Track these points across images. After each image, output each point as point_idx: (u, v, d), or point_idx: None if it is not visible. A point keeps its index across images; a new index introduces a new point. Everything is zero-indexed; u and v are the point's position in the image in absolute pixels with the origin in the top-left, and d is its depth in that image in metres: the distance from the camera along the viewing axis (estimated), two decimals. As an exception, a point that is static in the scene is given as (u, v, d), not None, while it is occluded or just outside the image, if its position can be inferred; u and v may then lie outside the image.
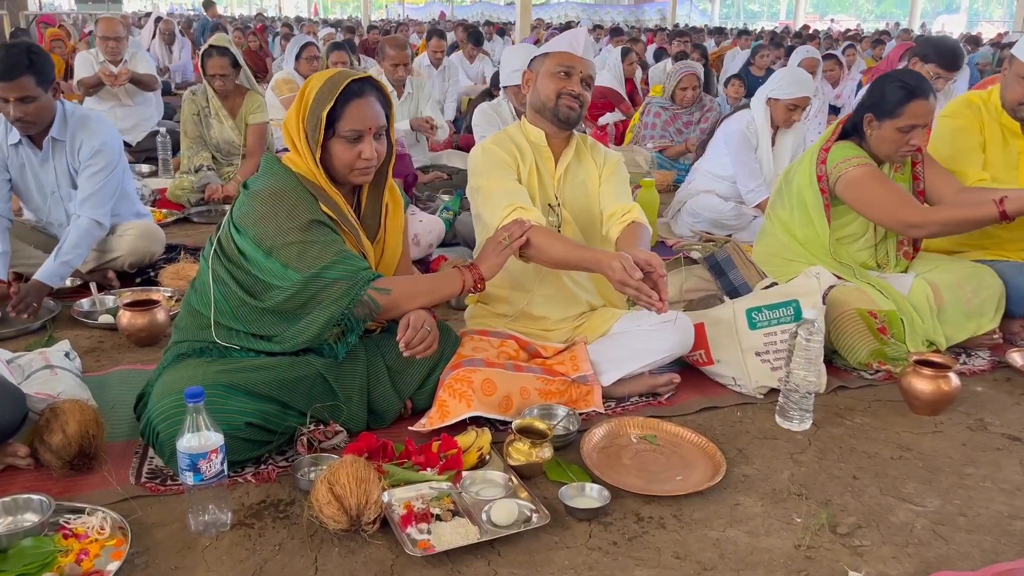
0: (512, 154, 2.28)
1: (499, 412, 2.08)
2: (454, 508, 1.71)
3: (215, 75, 4.45)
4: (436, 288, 2.05)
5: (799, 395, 2.15)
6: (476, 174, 2.27)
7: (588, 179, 2.37)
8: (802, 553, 1.64)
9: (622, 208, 2.31)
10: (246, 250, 1.93)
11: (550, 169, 2.33)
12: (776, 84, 3.83)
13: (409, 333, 1.94)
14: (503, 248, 2.09)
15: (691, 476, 1.91)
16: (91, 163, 2.95)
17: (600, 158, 2.40)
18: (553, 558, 1.61)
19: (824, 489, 1.89)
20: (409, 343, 1.95)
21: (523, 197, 2.21)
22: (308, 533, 1.65)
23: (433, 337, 1.98)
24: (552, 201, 2.32)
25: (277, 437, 1.91)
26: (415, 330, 1.95)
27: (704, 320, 2.43)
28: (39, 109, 2.83)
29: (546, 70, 2.27)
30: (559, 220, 2.33)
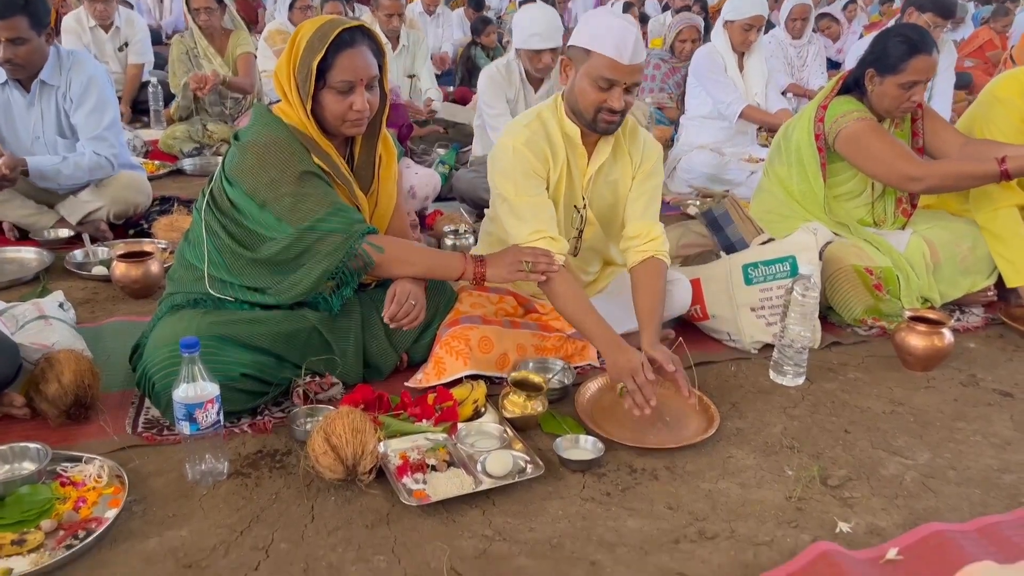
0: (544, 156, 2.07)
1: (496, 369, 2.09)
2: (449, 459, 1.72)
3: (199, 8, 4.36)
4: (433, 265, 2.02)
5: (793, 350, 2.16)
6: (503, 179, 2.07)
7: (620, 179, 2.18)
8: (793, 504, 1.66)
9: (646, 232, 2.13)
10: (239, 202, 1.91)
11: (582, 167, 2.13)
12: (730, 7, 3.97)
13: (393, 308, 1.94)
14: (519, 270, 1.99)
15: (684, 429, 1.92)
16: (84, 99, 2.92)
17: (638, 155, 2.17)
18: (547, 508, 1.62)
19: (816, 442, 1.90)
20: (393, 317, 1.95)
21: (551, 220, 2.06)
22: (304, 483, 1.66)
23: (419, 310, 1.97)
24: (579, 203, 2.18)
25: (273, 388, 1.91)
26: (399, 305, 1.94)
27: (700, 276, 2.43)
28: (29, 52, 2.78)
29: (586, 72, 1.97)
30: (583, 222, 2.20)
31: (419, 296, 1.98)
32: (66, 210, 3.09)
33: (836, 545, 1.49)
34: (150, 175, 3.83)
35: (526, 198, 2.05)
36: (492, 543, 1.51)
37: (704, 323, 2.43)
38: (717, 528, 1.58)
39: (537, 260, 1.98)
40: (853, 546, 1.53)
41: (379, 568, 1.43)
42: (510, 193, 2.06)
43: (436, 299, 2.18)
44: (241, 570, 1.42)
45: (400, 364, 2.15)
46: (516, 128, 2.09)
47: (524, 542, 1.51)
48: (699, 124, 4.15)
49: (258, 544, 1.48)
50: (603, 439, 1.82)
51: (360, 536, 1.51)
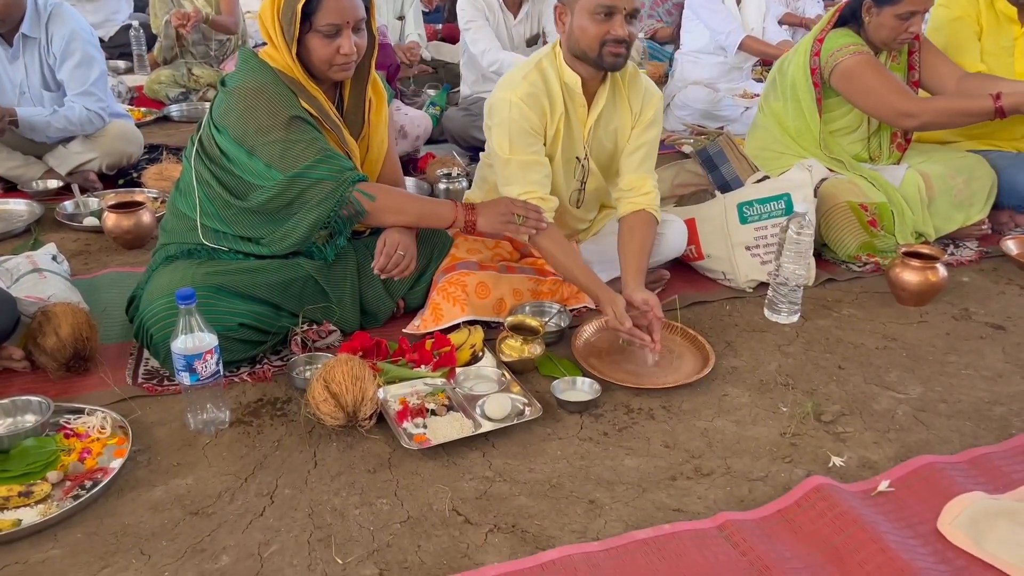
0: (542, 111, 2.03)
1: (492, 314, 2.09)
2: (448, 403, 1.74)
3: None
4: (424, 213, 2.00)
5: (788, 288, 2.16)
6: (500, 135, 2.03)
7: (620, 128, 2.15)
8: (787, 440, 1.69)
9: (639, 184, 2.13)
10: (228, 150, 1.88)
11: (581, 117, 2.09)
12: None
13: (382, 260, 1.93)
14: (509, 222, 1.98)
15: (680, 369, 1.94)
16: (68, 54, 2.87)
17: (638, 102, 2.12)
18: (545, 449, 1.65)
19: (810, 379, 1.93)
20: (383, 269, 1.94)
21: (543, 180, 2.05)
22: (306, 429, 1.68)
23: (409, 260, 1.96)
24: (580, 153, 2.14)
25: (271, 337, 1.92)
26: (388, 256, 1.93)
27: (695, 215, 2.42)
28: (7, 6, 2.72)
29: (583, 7, 1.92)
30: (585, 174, 2.17)
31: (409, 246, 1.97)
32: (55, 161, 3.05)
33: (829, 479, 1.52)
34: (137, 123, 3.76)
35: (520, 156, 2.03)
36: (492, 484, 1.54)
37: (699, 263, 2.43)
38: (713, 465, 1.61)
39: (528, 214, 1.98)
40: (846, 480, 1.56)
41: (382, 511, 1.46)
42: (504, 150, 2.03)
43: (431, 245, 2.17)
44: (247, 516, 1.44)
45: (397, 311, 2.15)
46: (514, 80, 2.04)
47: (524, 482, 1.54)
48: (694, 60, 4.07)
49: (263, 490, 1.51)
50: (600, 380, 1.84)
51: (363, 480, 1.54)
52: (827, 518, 1.42)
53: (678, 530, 1.41)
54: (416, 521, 1.44)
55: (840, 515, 1.42)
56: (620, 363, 1.97)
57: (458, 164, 3.32)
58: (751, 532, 1.40)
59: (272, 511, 1.46)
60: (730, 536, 1.39)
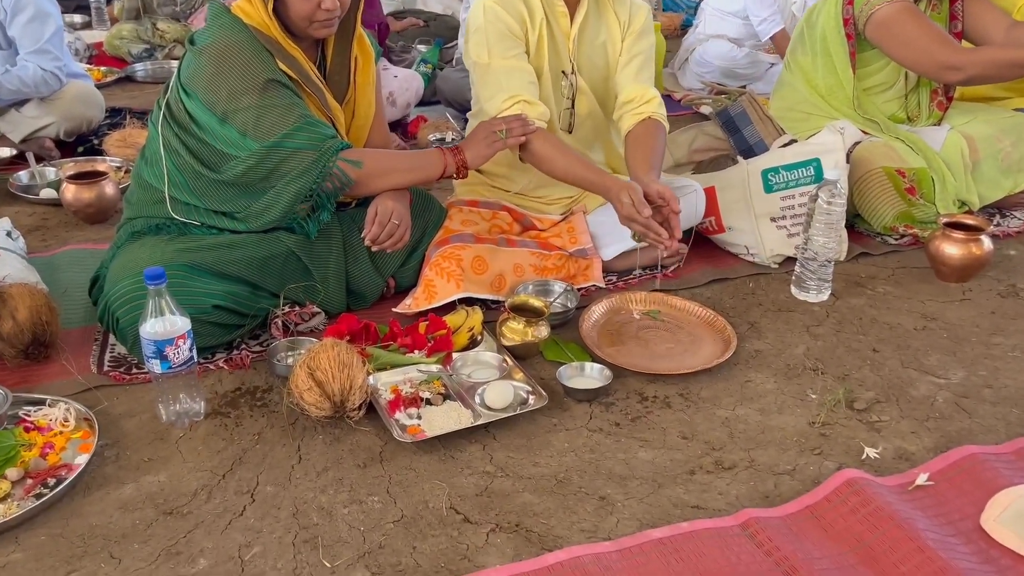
0: (519, 16, 2.11)
1: (491, 291, 2.10)
2: (445, 392, 1.75)
3: None
4: (412, 167, 2.01)
5: (817, 264, 2.16)
6: (477, 43, 2.11)
7: (609, 41, 2.23)
8: (816, 430, 1.70)
9: (640, 94, 2.20)
10: (198, 116, 1.87)
11: (564, 28, 2.17)
12: None
13: (375, 229, 1.93)
14: (496, 141, 2.02)
15: (699, 353, 1.95)
16: (19, 8, 2.86)
17: (624, 13, 2.23)
18: (551, 441, 1.66)
19: (841, 363, 1.93)
20: (375, 239, 1.94)
21: (528, 85, 2.10)
22: (289, 421, 1.69)
23: (404, 229, 1.96)
24: (566, 67, 2.20)
25: (249, 320, 1.92)
26: (381, 226, 1.93)
27: (715, 184, 2.41)
28: None
29: None
30: (573, 89, 2.21)
31: (403, 214, 1.97)
32: (8, 126, 3.04)
33: (862, 472, 1.53)
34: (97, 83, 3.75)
35: (501, 61, 2.08)
36: (494, 480, 1.54)
37: (719, 236, 2.43)
38: (735, 458, 1.61)
39: (511, 128, 2.03)
40: (881, 473, 1.57)
41: (373, 509, 1.47)
42: (483, 57, 2.10)
43: (423, 217, 2.17)
44: (226, 516, 1.45)
45: (386, 290, 2.15)
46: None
47: (528, 478, 1.55)
48: (720, 18, 4.02)
49: (243, 488, 1.52)
50: (610, 366, 1.84)
51: (352, 476, 1.55)
52: (860, 515, 1.43)
53: (697, 528, 1.41)
54: (411, 520, 1.45)
55: (874, 511, 1.42)
56: (633, 347, 1.97)
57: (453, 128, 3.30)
58: (777, 530, 1.41)
59: (253, 510, 1.47)
60: (754, 535, 1.40)
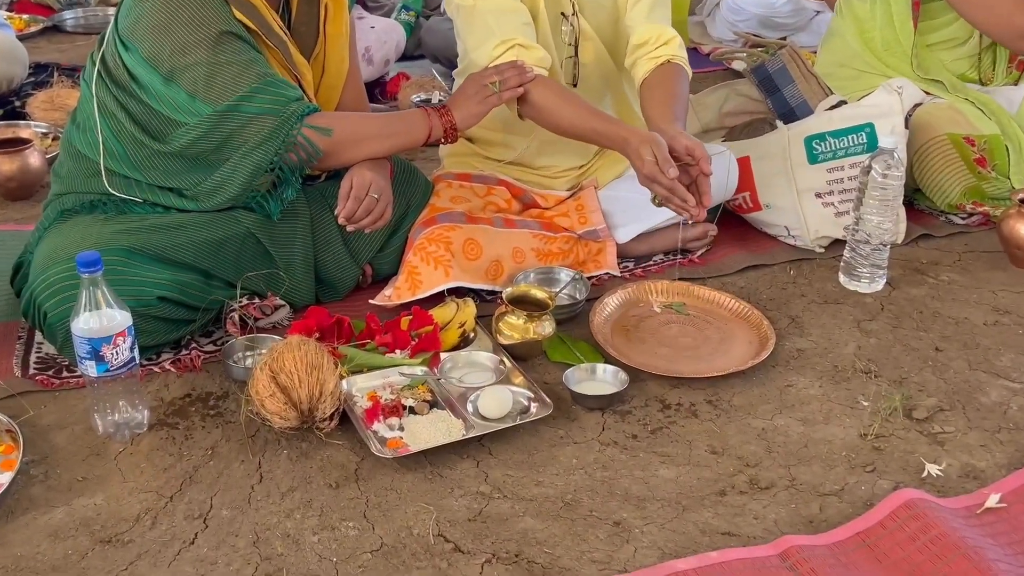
0: None
1: (486, 281, 2.10)
2: (431, 399, 1.75)
3: None
4: (392, 132, 2.01)
5: (870, 247, 2.17)
6: None
7: None
8: (869, 444, 1.70)
9: (656, 35, 2.17)
10: (139, 74, 1.87)
11: None
12: None
13: (350, 205, 1.92)
14: (489, 95, 2.01)
15: (730, 352, 1.95)
16: None
17: None
18: (557, 456, 1.66)
19: (898, 364, 1.94)
20: (351, 217, 1.93)
21: (522, 27, 2.09)
22: (248, 433, 1.69)
23: (384, 205, 1.96)
24: (566, 8, 2.19)
25: (200, 315, 1.92)
26: (357, 201, 1.92)
27: (749, 153, 2.41)
28: None
29: None
30: (576, 33, 2.20)
31: (383, 186, 1.97)
32: (-89, 86, 3.05)
33: (923, 492, 1.53)
34: (18, 34, 3.74)
35: (488, 1, 2.07)
36: (490, 502, 1.55)
37: (755, 215, 2.44)
38: (773, 476, 1.62)
39: (505, 77, 2.02)
40: (944, 493, 1.57)
41: (348, 537, 1.47)
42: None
43: (406, 193, 2.17)
44: (174, 544, 1.46)
45: (363, 279, 2.16)
46: None
47: (530, 499, 1.56)
48: None
49: (193, 512, 1.52)
50: (626, 368, 1.84)
51: (322, 498, 1.55)
52: (920, 542, 1.43)
53: (729, 559, 1.42)
54: (392, 550, 1.45)
55: (937, 538, 1.43)
56: (653, 346, 1.97)
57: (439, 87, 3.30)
58: (822, 561, 1.41)
59: (206, 538, 1.47)
60: (795, 566, 1.40)
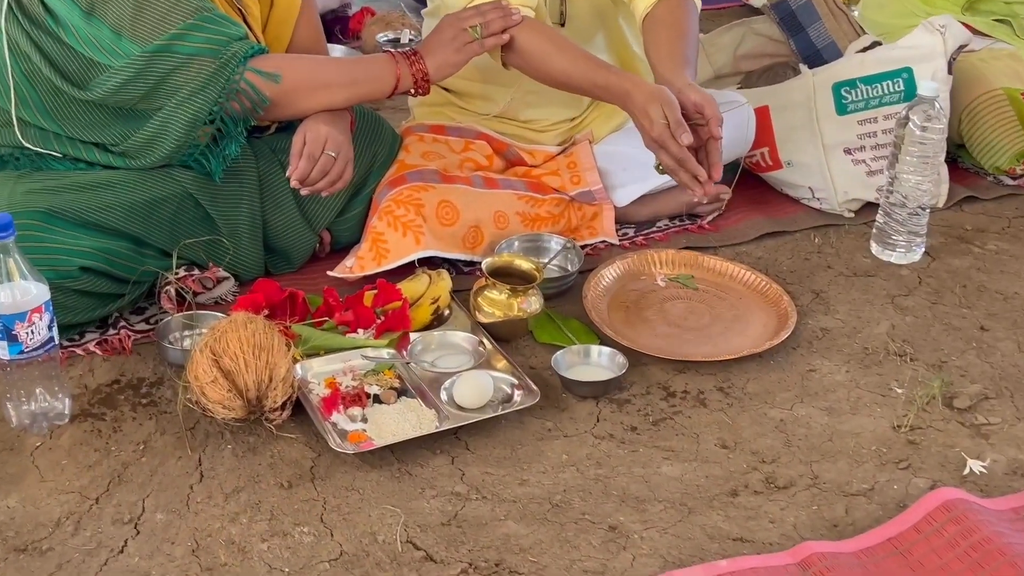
0: None
1: (463, 250, 2.10)
2: (399, 386, 1.75)
3: None
4: (353, 80, 1.99)
5: (907, 212, 2.17)
6: None
7: None
8: (903, 436, 1.71)
9: None
10: (55, 7, 1.85)
11: None
12: None
13: (302, 166, 1.91)
14: (468, 42, 1.99)
15: (745, 332, 1.96)
16: None
17: None
18: (544, 451, 1.67)
19: (938, 346, 1.95)
20: (304, 179, 1.92)
21: None
22: (186, 426, 1.69)
23: (343, 164, 1.95)
24: None
25: (130, 288, 1.92)
26: (311, 160, 1.91)
27: (769, 102, 2.41)
28: None
29: None
30: None
31: (341, 142, 1.95)
32: None
33: (963, 492, 1.54)
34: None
35: None
36: (466, 504, 1.55)
37: (775, 174, 2.44)
38: (793, 473, 1.63)
39: (488, 21, 2.00)
40: (988, 493, 1.58)
41: (303, 544, 1.47)
42: None
43: (370, 148, 2.17)
44: (100, 553, 1.45)
45: (320, 247, 2.16)
46: None
47: (513, 501, 1.56)
48: None
49: (123, 515, 1.52)
50: (625, 350, 1.85)
51: (273, 500, 1.55)
52: (960, 549, 1.44)
53: (741, 568, 1.42)
54: (353, 559, 1.45)
55: (978, 544, 1.44)
56: (657, 325, 1.98)
57: (410, 24, 3.28)
58: (848, 570, 1.42)
59: (137, 546, 1.47)
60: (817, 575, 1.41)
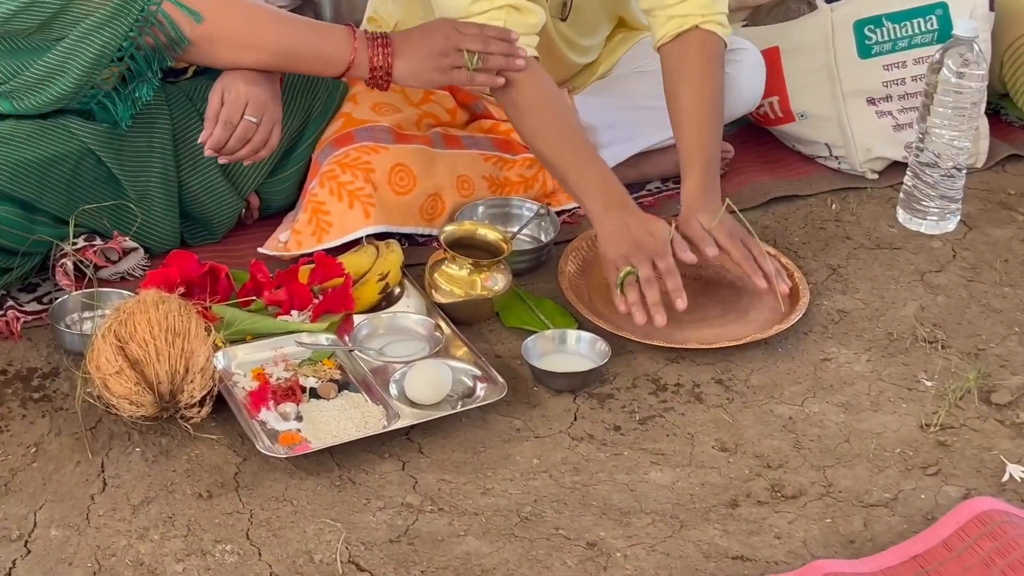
0: None
1: (421, 222, 2.12)
2: (341, 378, 1.76)
3: None
4: (291, 49, 1.97)
5: (940, 173, 2.18)
6: None
7: None
8: (932, 437, 1.72)
9: None
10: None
11: None
12: None
13: (217, 132, 1.90)
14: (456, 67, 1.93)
15: (748, 315, 1.97)
16: None
17: None
18: (512, 455, 1.67)
19: (974, 331, 1.96)
20: (219, 146, 1.91)
21: None
22: (86, 425, 1.68)
23: (266, 130, 1.94)
24: None
25: (19, 262, 1.92)
26: (228, 126, 1.90)
27: (779, 43, 2.42)
28: None
29: None
30: None
31: (266, 103, 1.94)
32: None
33: (1002, 502, 1.55)
34: None
35: None
36: (420, 517, 1.55)
37: (785, 127, 2.45)
38: (803, 480, 1.64)
39: (488, 48, 1.94)
40: (1030, 502, 1.60)
41: (225, 565, 1.47)
42: None
43: (306, 96, 2.16)
44: (-16, 576, 1.46)
45: (246, 213, 2.17)
46: None
47: (474, 513, 1.56)
48: None
49: (11, 531, 1.51)
50: (607, 335, 1.85)
51: (190, 513, 1.55)
52: (996, 567, 1.45)
53: (741, 591, 1.44)
54: (285, 582, 1.46)
55: (1019, 563, 1.45)
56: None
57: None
58: (866, 593, 1.43)
59: (28, 567, 1.46)
60: (830, 600, 1.42)
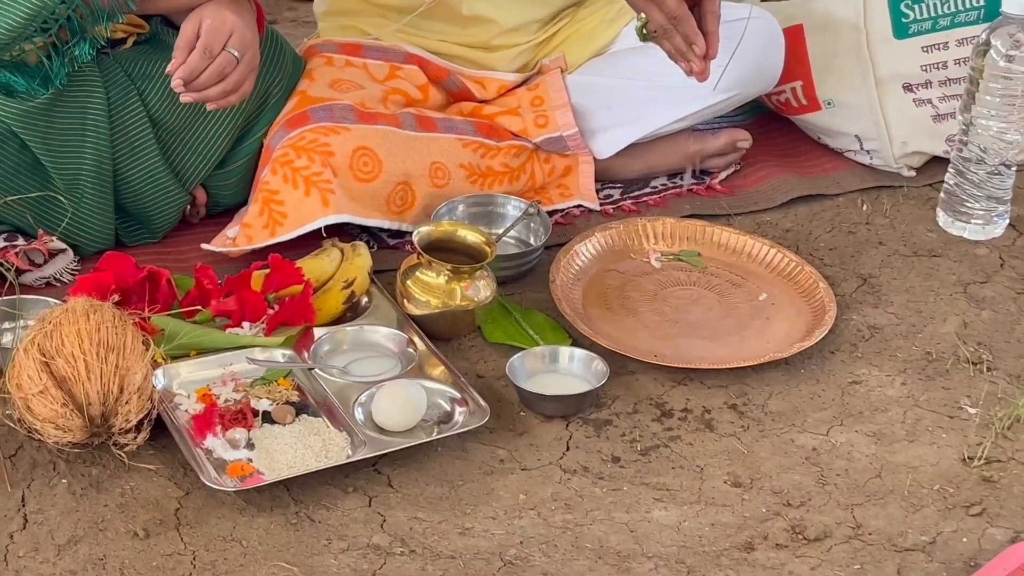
0: None
1: (388, 215, 2.12)
2: (299, 400, 1.76)
3: None
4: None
5: (986, 170, 2.19)
6: None
7: None
8: (976, 472, 1.72)
9: None
10: None
11: None
12: None
13: (193, 59, 1.89)
14: None
15: (767, 330, 1.97)
16: None
17: None
18: (495, 490, 1.67)
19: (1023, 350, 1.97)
20: (190, 77, 1.90)
21: None
22: (5, 453, 1.68)
23: (245, 70, 1.95)
24: None
25: (-71, 264, 1.91)
26: (206, 54, 1.90)
27: (804, 20, 2.42)
28: None
29: None
30: None
31: (249, 42, 1.96)
32: None
33: (1055, 547, 1.56)
34: None
35: None
36: (388, 560, 1.55)
37: (809, 117, 2.46)
38: (828, 520, 1.64)
39: None
40: (1087, 548, 1.61)
41: (164, 615, 1.48)
42: None
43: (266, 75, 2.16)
44: None
45: (192, 209, 2.18)
46: None
47: (451, 556, 1.56)
48: None
49: (-83, 575, 1.51)
50: (605, 353, 1.86)
51: (124, 554, 1.54)
52: (1049, 622, 1.46)
53: (757, 648, 1.44)
54: (232, 634, 1.46)
55: (1074, 616, 1.46)
56: (650, 319, 1.99)
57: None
58: (900, 651, 1.44)
59: (-63, 617, 1.46)
60: (858, 659, 1.43)
